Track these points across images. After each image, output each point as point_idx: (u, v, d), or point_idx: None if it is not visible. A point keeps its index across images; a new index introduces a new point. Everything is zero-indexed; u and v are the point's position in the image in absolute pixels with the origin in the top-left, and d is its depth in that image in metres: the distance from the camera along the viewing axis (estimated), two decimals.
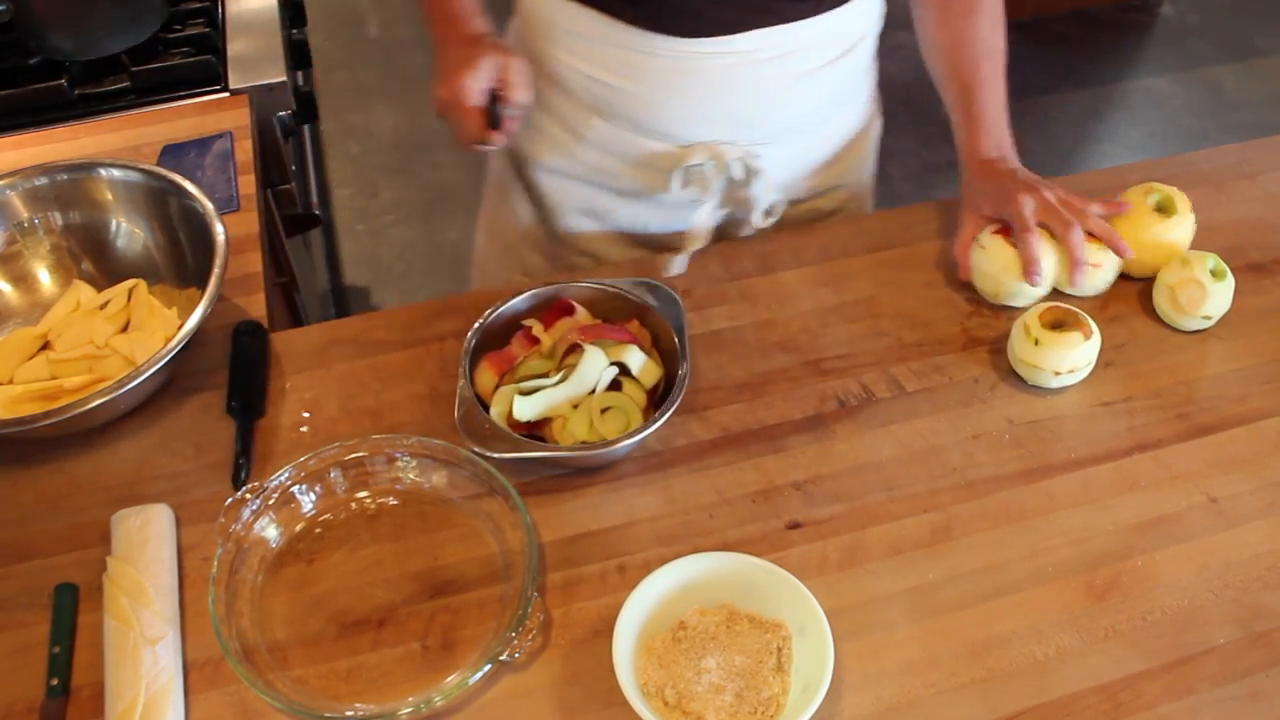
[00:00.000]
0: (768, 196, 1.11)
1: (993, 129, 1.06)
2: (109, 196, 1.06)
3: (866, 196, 1.27)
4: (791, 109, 1.07)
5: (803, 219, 1.19)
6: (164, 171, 1.04)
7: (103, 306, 1.02)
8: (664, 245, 1.17)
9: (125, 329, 1.01)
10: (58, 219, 1.06)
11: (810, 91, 1.06)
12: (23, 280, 1.06)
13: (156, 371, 0.89)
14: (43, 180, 1.05)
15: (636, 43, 0.99)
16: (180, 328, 0.92)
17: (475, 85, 0.93)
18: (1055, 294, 1.05)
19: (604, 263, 1.19)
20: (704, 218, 1.12)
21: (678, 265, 1.08)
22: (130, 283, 1.04)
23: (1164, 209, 1.05)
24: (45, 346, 1.01)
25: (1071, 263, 0.99)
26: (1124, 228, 1.05)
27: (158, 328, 1.01)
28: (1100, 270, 1.03)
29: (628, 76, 1.02)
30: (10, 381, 0.98)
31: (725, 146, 1.06)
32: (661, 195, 1.10)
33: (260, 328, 1.03)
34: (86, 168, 1.05)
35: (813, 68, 1.04)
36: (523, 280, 1.22)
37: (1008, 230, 1.02)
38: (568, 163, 1.12)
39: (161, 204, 1.05)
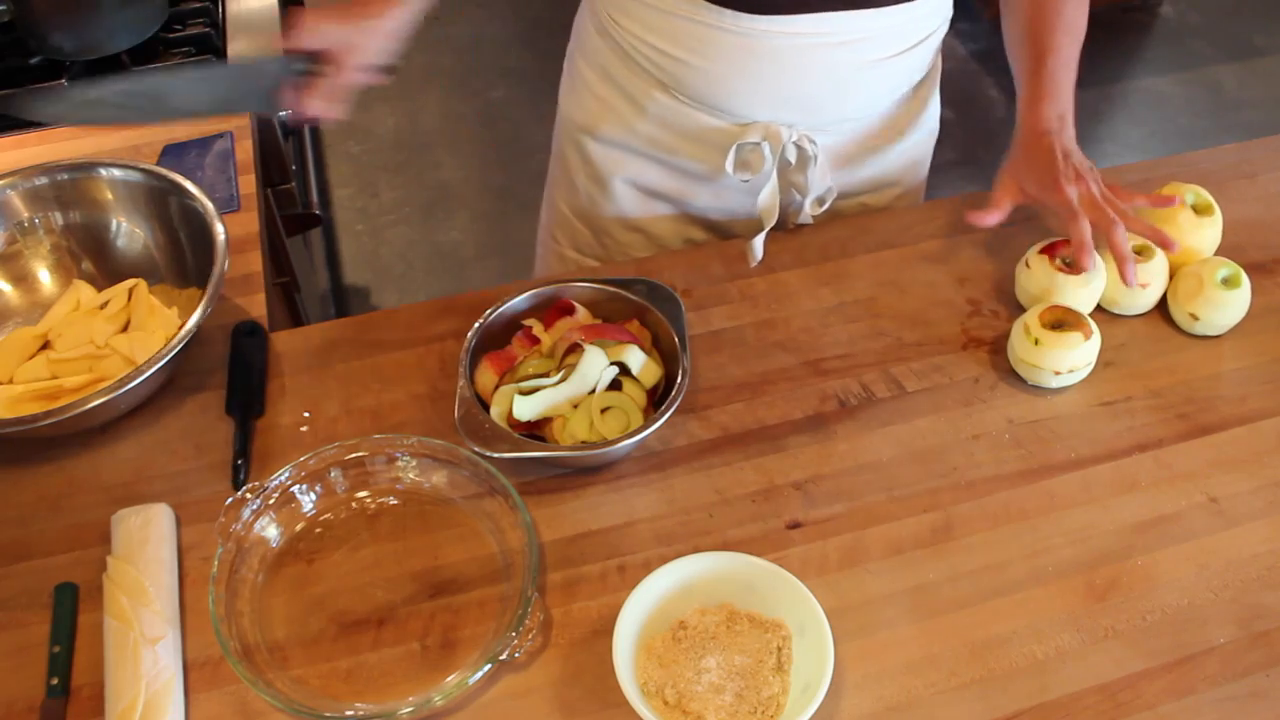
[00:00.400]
0: (820, 183, 1.10)
1: (1058, 97, 1.01)
2: (109, 196, 1.06)
3: (918, 197, 1.27)
4: (854, 97, 1.07)
5: (851, 214, 1.19)
6: (164, 171, 1.04)
7: (103, 306, 1.02)
8: (716, 227, 1.18)
9: (125, 329, 1.01)
10: (58, 218, 1.06)
11: (875, 81, 1.06)
12: (23, 280, 1.06)
13: (156, 371, 0.89)
14: (43, 180, 1.05)
15: (707, 17, 0.98)
16: (181, 327, 0.92)
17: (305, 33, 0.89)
18: (1100, 312, 1.05)
19: (652, 239, 1.20)
20: (765, 198, 1.10)
21: (757, 251, 1.08)
22: (130, 282, 1.04)
23: (1200, 209, 1.06)
24: (45, 346, 1.01)
25: (1119, 260, 0.97)
26: (1163, 229, 1.05)
27: (158, 327, 1.01)
28: (1147, 290, 1.03)
29: (695, 51, 1.02)
30: (10, 381, 0.98)
31: (782, 128, 1.05)
32: (714, 174, 1.10)
33: (260, 328, 1.03)
34: (87, 167, 1.05)
35: (881, 57, 1.03)
36: (574, 257, 1.25)
37: (1053, 250, 1.02)
38: (625, 134, 1.12)
39: (162, 204, 1.05)
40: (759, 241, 1.08)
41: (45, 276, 1.07)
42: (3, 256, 1.05)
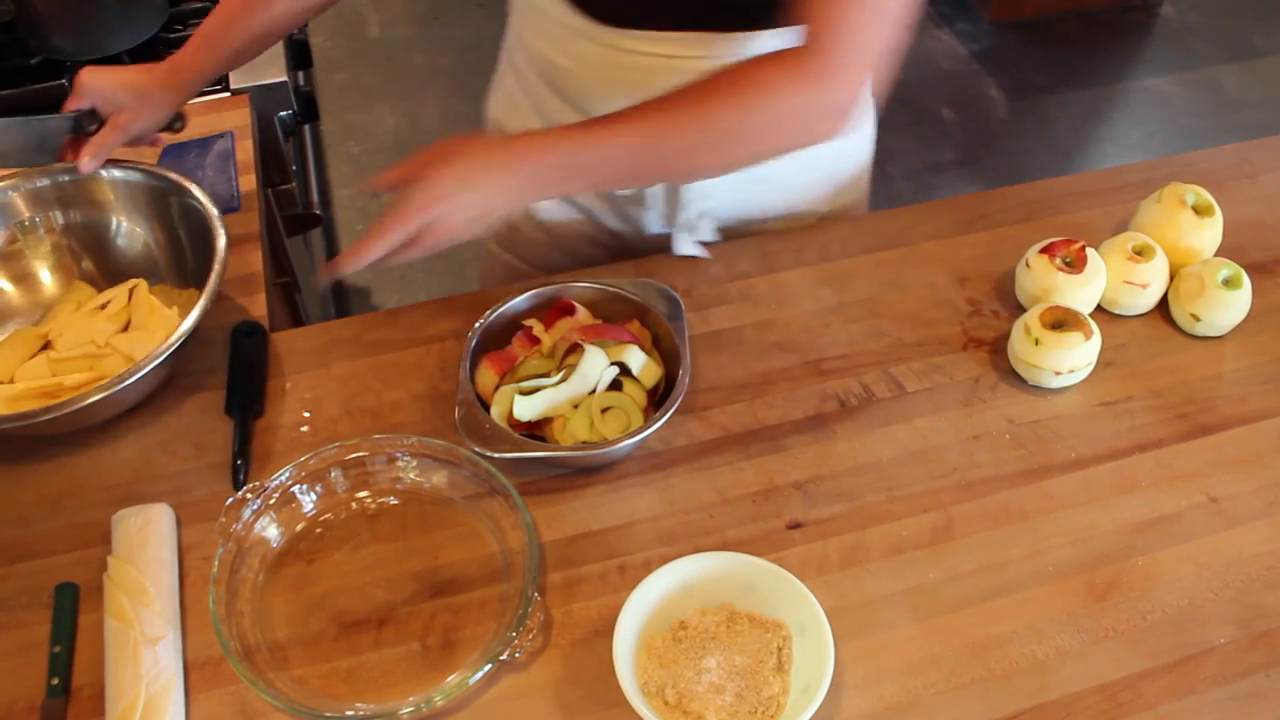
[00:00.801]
0: (698, 204, 1.09)
1: (561, 146, 0.86)
2: (110, 196, 1.06)
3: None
4: None
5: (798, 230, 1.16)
6: (165, 171, 1.04)
7: (103, 307, 1.02)
8: (619, 238, 1.17)
9: (126, 329, 1.01)
10: (59, 218, 1.06)
11: None
12: (24, 279, 1.06)
13: (156, 368, 0.89)
14: (44, 181, 1.05)
15: (576, 24, 0.98)
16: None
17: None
18: (1100, 312, 1.05)
19: (556, 240, 1.19)
20: (650, 222, 1.12)
21: (687, 247, 1.07)
22: (131, 283, 1.04)
23: (1200, 210, 1.06)
24: (46, 346, 1.01)
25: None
26: (1163, 229, 1.05)
27: (158, 327, 1.01)
28: (1148, 291, 1.03)
29: (570, 56, 1.02)
30: (11, 381, 0.98)
31: None
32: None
33: (260, 328, 1.03)
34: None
35: None
36: (498, 252, 1.25)
37: (1053, 250, 1.02)
38: (522, 129, 1.13)
39: (163, 203, 1.05)
40: (686, 244, 1.08)
41: (46, 276, 1.07)
42: (4, 256, 1.05)
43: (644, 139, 0.84)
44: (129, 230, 1.07)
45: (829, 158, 1.13)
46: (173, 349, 0.90)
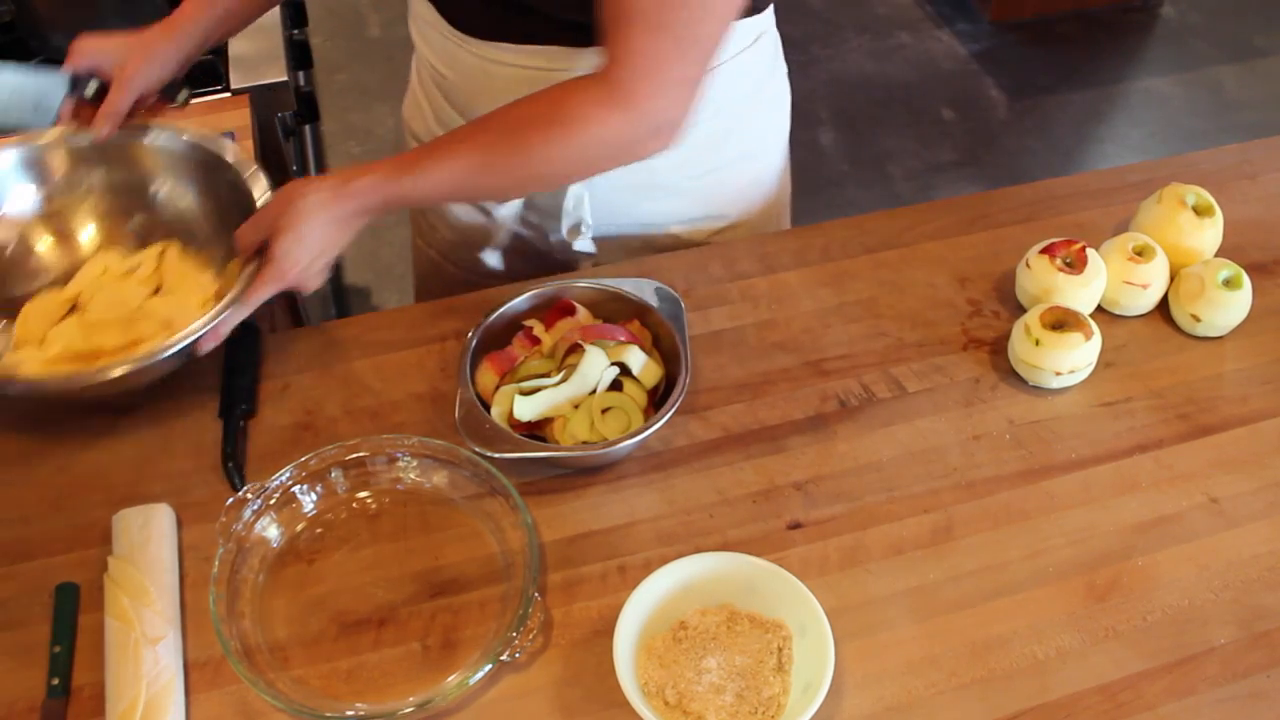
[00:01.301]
0: (573, 212, 1.10)
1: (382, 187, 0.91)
2: (151, 160, 1.05)
3: (765, 230, 1.20)
4: None
5: (662, 245, 1.14)
6: (209, 141, 1.03)
7: (132, 272, 1.01)
8: (520, 239, 1.18)
9: (157, 292, 1.01)
10: (98, 178, 1.05)
11: None
12: (62, 238, 1.05)
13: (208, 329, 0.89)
14: (85, 140, 1.03)
15: (448, 31, 1.01)
16: (216, 292, 0.91)
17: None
18: (1100, 313, 1.05)
19: (465, 237, 1.20)
20: (505, 214, 1.14)
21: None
22: (159, 246, 1.03)
23: (1200, 210, 1.06)
24: (73, 309, 1.00)
25: None
26: (1163, 229, 1.05)
27: (192, 291, 1.00)
28: (1148, 291, 1.03)
29: (449, 65, 1.05)
30: (41, 344, 0.97)
31: None
32: None
33: (253, 328, 1.03)
34: (132, 131, 1.04)
35: None
36: (421, 246, 1.28)
37: (1053, 250, 1.02)
38: (425, 133, 1.17)
39: (205, 171, 1.04)
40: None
41: (84, 236, 1.05)
42: (43, 215, 1.04)
43: (464, 173, 0.89)
44: (170, 193, 1.05)
45: (724, 163, 1.11)
46: (223, 314, 0.89)
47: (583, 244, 1.14)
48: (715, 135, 1.07)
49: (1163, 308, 1.05)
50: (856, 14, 3.10)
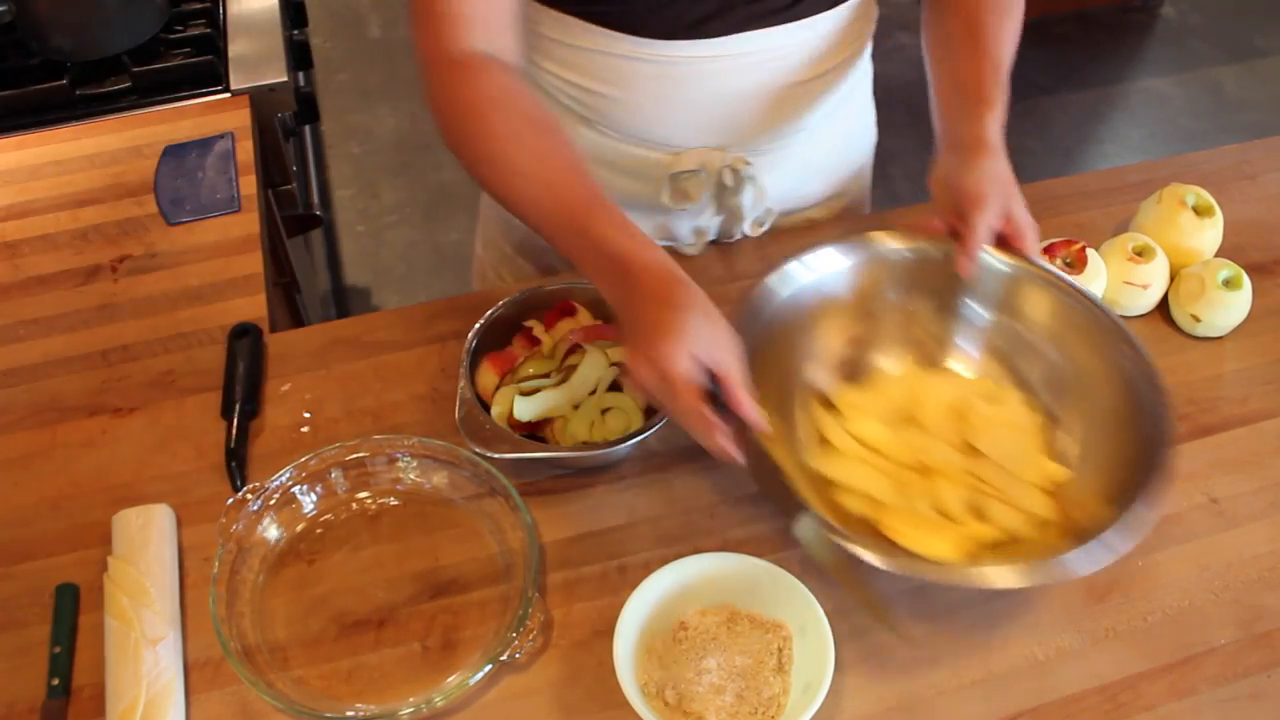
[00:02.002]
0: (758, 205, 1.09)
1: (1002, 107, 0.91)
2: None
3: (863, 207, 1.25)
4: (782, 116, 1.05)
5: (799, 230, 1.18)
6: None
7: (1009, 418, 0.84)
8: None
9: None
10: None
11: (801, 99, 1.05)
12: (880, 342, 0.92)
13: None
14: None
15: (620, 48, 0.96)
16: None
17: (680, 355, 0.73)
18: None
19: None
20: (696, 228, 1.11)
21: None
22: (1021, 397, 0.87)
23: (1200, 210, 1.06)
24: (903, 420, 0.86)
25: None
26: (1163, 230, 1.05)
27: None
28: (1148, 291, 1.03)
29: (614, 83, 1.00)
30: (870, 448, 0.83)
31: (714, 153, 1.04)
32: (652, 204, 1.08)
33: (254, 328, 1.03)
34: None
35: (801, 74, 1.02)
36: (512, 255, 1.22)
37: (1053, 250, 1.02)
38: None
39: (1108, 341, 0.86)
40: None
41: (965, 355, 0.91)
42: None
43: None
44: (1068, 353, 0.88)
45: (850, 136, 1.16)
46: None
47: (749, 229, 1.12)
48: (852, 108, 1.12)
49: (1163, 308, 1.05)
50: None
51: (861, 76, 1.13)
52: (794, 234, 1.13)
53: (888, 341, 0.93)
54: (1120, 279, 1.02)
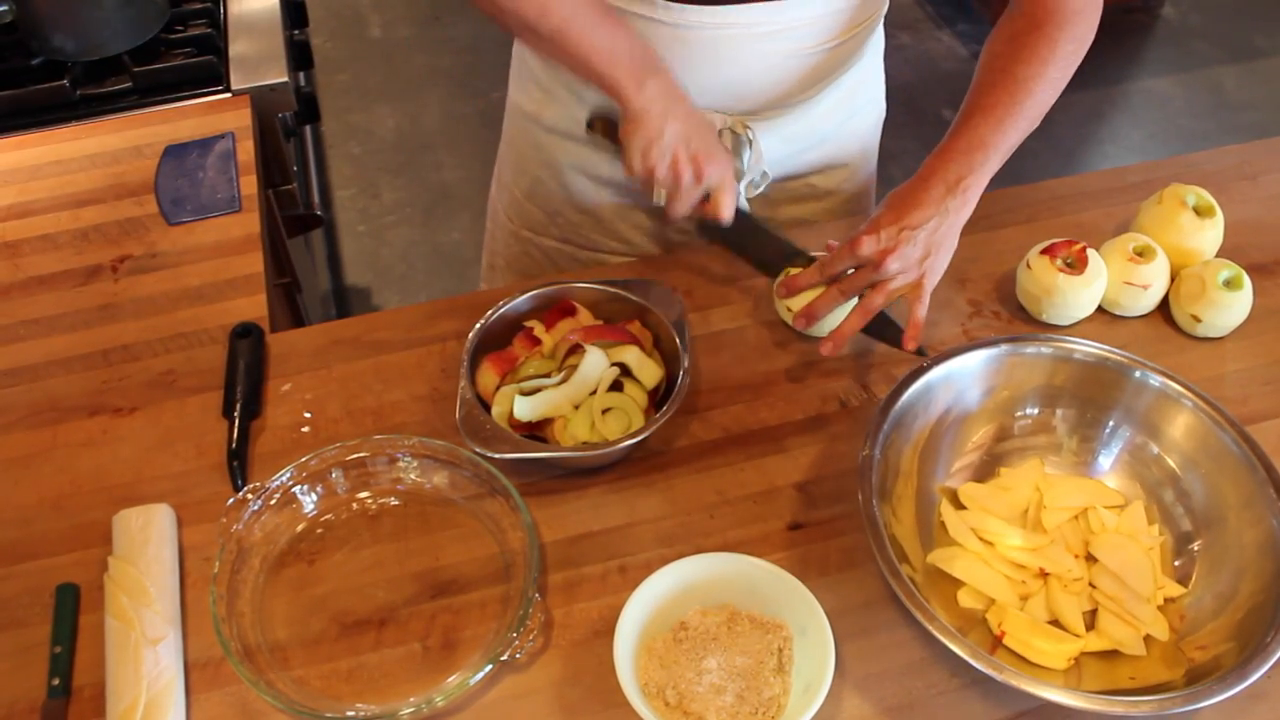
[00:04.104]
0: (755, 169, 1.10)
1: (967, 157, 0.94)
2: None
3: (867, 178, 1.26)
4: (789, 86, 1.06)
5: (799, 195, 1.19)
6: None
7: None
8: (657, 209, 1.16)
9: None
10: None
11: (809, 70, 1.05)
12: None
13: None
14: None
15: (637, 7, 0.98)
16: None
17: (693, 193, 0.97)
18: (1101, 314, 1.05)
19: (602, 223, 1.19)
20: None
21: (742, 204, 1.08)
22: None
23: (1201, 211, 1.06)
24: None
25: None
26: (1163, 230, 1.05)
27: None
28: (1149, 292, 1.03)
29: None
30: (990, 544, 0.85)
31: (714, 115, 1.05)
32: None
33: (254, 329, 1.03)
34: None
35: (813, 48, 1.03)
36: (530, 236, 1.25)
37: (1054, 251, 1.02)
38: (569, 124, 1.12)
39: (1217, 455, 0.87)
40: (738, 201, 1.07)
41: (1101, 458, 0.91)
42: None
43: (1011, 135, 0.98)
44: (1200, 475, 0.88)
45: (857, 110, 1.17)
46: None
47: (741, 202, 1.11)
48: (860, 78, 1.13)
49: (1163, 308, 1.05)
50: None
51: (873, 48, 1.14)
52: (794, 232, 1.13)
53: (1020, 443, 0.93)
54: (1121, 279, 1.03)
